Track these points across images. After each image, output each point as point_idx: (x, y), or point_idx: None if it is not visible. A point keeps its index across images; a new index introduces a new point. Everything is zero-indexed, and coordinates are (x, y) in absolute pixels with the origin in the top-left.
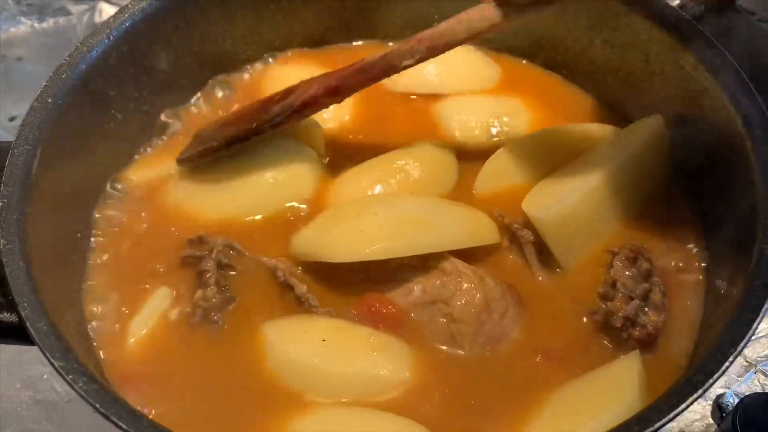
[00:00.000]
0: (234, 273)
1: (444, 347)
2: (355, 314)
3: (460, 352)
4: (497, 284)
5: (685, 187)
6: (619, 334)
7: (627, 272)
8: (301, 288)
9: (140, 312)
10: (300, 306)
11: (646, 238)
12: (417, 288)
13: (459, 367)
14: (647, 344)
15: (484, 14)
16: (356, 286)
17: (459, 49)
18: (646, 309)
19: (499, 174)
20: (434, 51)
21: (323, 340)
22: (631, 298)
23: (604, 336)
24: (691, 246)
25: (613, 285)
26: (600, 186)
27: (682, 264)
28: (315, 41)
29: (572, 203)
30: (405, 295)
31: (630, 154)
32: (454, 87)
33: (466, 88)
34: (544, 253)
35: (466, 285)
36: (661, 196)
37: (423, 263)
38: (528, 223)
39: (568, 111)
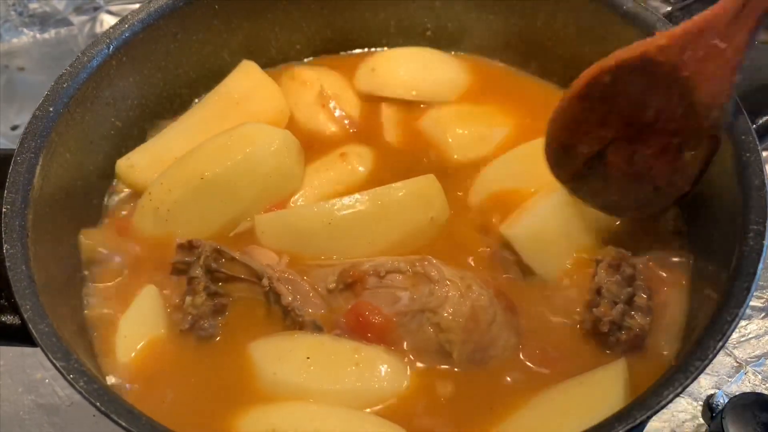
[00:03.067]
0: (229, 280)
1: (432, 357)
2: (343, 322)
3: (449, 361)
4: (484, 292)
5: None
6: (607, 338)
7: (611, 278)
8: (287, 297)
9: (130, 313)
10: (286, 316)
11: (632, 244)
12: (405, 295)
13: (447, 376)
14: (635, 346)
15: None
16: (344, 293)
17: (445, 56)
18: (632, 312)
19: (492, 187)
20: None
21: (307, 358)
22: (616, 303)
23: (593, 342)
24: (675, 250)
25: (599, 292)
26: (569, 200)
27: (668, 268)
28: (314, 51)
29: (541, 219)
30: (392, 304)
31: None
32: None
33: (452, 98)
34: (528, 273)
35: (452, 293)
36: None
37: (411, 267)
38: (509, 244)
39: None
